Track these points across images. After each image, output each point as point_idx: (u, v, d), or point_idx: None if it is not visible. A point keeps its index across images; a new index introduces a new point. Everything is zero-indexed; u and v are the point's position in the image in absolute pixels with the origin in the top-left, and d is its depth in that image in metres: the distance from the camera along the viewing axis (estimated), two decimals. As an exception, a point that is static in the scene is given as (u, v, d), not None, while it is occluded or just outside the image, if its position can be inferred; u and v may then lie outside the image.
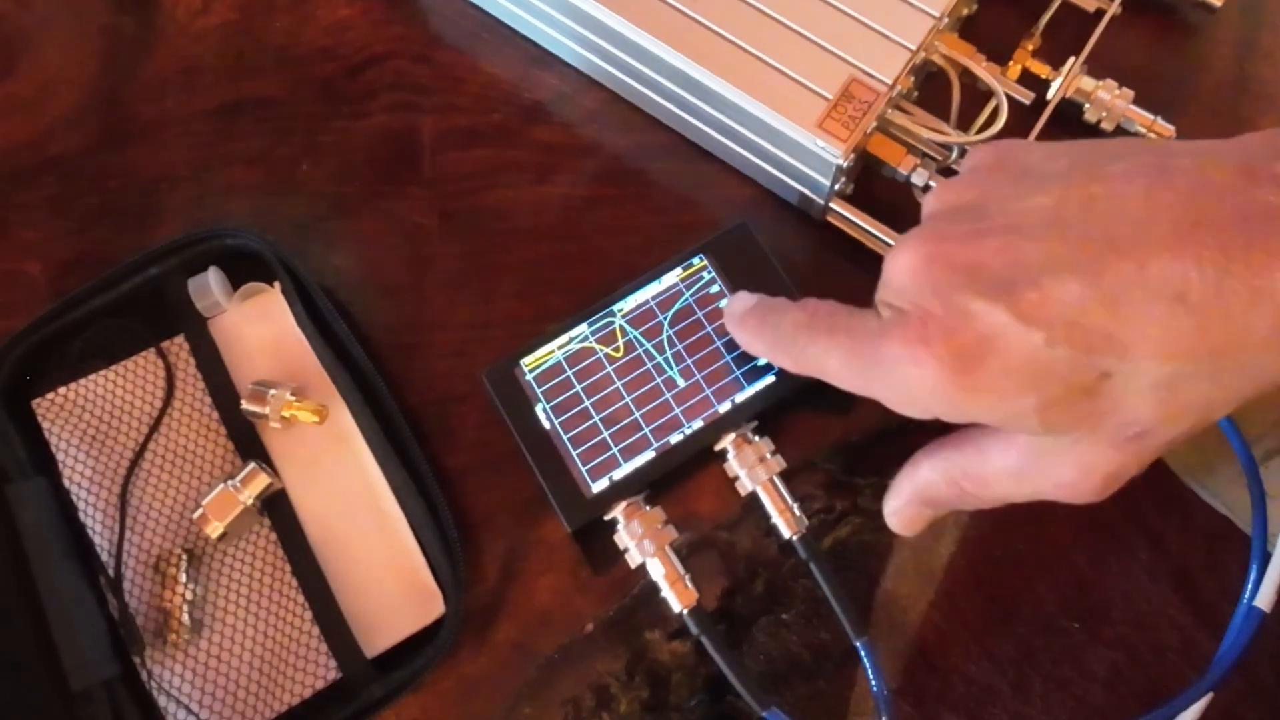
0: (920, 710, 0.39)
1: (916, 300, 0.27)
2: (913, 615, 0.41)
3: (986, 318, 0.25)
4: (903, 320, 0.27)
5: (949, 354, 0.26)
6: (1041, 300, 0.25)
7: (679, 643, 0.41)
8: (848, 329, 0.30)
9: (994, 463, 0.29)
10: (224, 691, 0.39)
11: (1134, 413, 0.25)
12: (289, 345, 0.44)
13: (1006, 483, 0.29)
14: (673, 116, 0.47)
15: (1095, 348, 0.24)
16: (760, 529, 0.41)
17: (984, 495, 0.30)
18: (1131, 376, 0.25)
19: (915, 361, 0.26)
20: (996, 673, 0.40)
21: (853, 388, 0.30)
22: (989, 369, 0.25)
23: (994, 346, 0.25)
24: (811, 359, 0.31)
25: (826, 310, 0.31)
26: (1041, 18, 0.47)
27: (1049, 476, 0.28)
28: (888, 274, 0.28)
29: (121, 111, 0.50)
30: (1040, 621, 0.40)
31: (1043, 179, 0.27)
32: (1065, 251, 0.25)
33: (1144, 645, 0.40)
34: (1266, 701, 0.39)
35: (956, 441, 0.30)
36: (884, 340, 0.27)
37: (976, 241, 0.26)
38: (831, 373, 0.30)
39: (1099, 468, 0.27)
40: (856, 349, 0.29)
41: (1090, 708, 0.39)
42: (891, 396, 0.28)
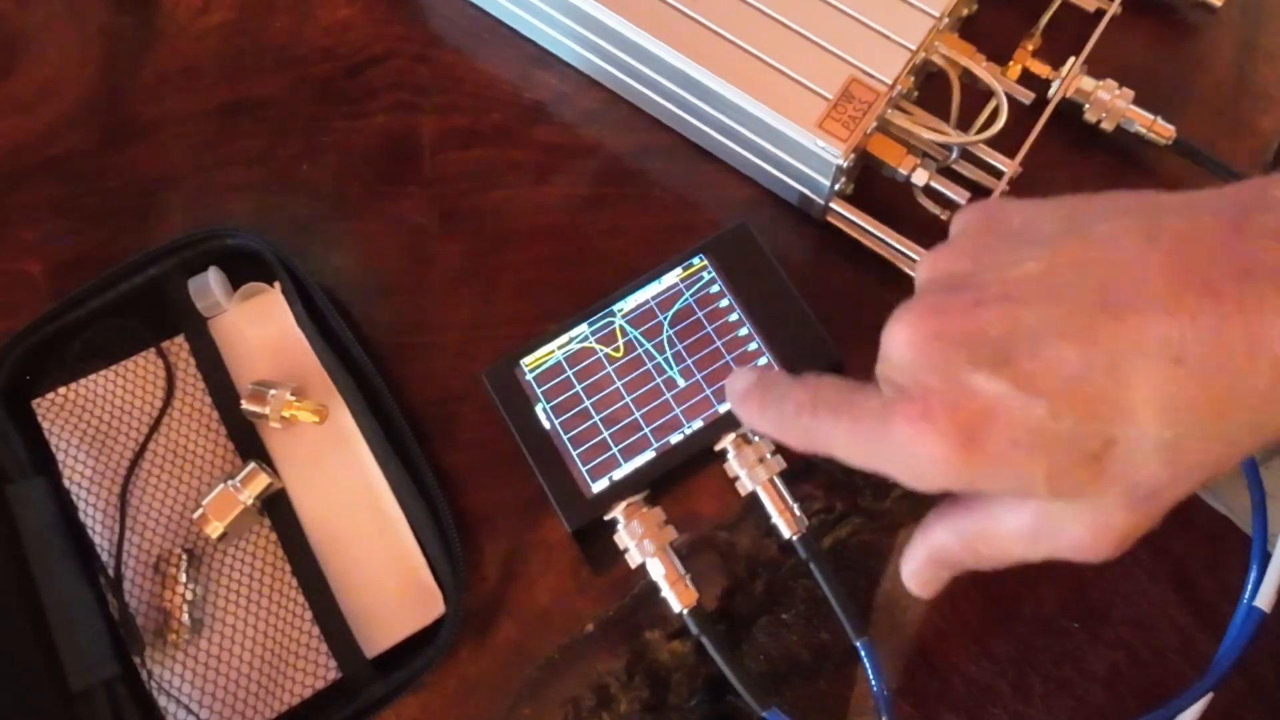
0: (920, 710, 0.39)
1: (917, 376, 0.27)
2: (913, 615, 0.41)
3: (988, 390, 0.25)
4: (905, 398, 0.27)
5: (953, 429, 0.26)
6: (1041, 369, 0.25)
7: (679, 643, 0.41)
8: (851, 408, 0.29)
9: (1006, 525, 0.29)
10: (224, 691, 0.39)
11: (1143, 474, 0.25)
12: (289, 345, 0.44)
13: (1020, 545, 0.29)
14: (673, 116, 0.47)
15: (1098, 414, 0.24)
16: (760, 529, 0.41)
17: (998, 556, 0.30)
18: (1137, 440, 0.25)
19: (921, 439, 0.26)
20: (996, 673, 0.40)
21: (862, 465, 0.29)
22: (995, 441, 0.25)
23: (998, 419, 0.25)
24: (818, 438, 0.30)
25: (828, 389, 0.31)
26: (1041, 18, 0.47)
27: (1063, 538, 0.28)
28: (886, 349, 0.28)
29: (121, 111, 0.50)
30: (1040, 621, 0.40)
31: (1032, 243, 0.27)
32: (1060, 318, 0.25)
33: (1144, 645, 0.40)
34: (1266, 701, 0.39)
35: (968, 504, 0.30)
36: (888, 419, 0.27)
37: (972, 313, 0.26)
38: (839, 451, 0.30)
39: (1113, 528, 0.27)
40: (861, 428, 0.29)
41: (1090, 708, 0.39)
42: (901, 473, 0.28)
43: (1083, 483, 0.26)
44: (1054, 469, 0.25)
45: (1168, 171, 0.46)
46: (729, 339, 0.41)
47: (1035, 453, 0.25)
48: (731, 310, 0.42)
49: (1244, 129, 0.47)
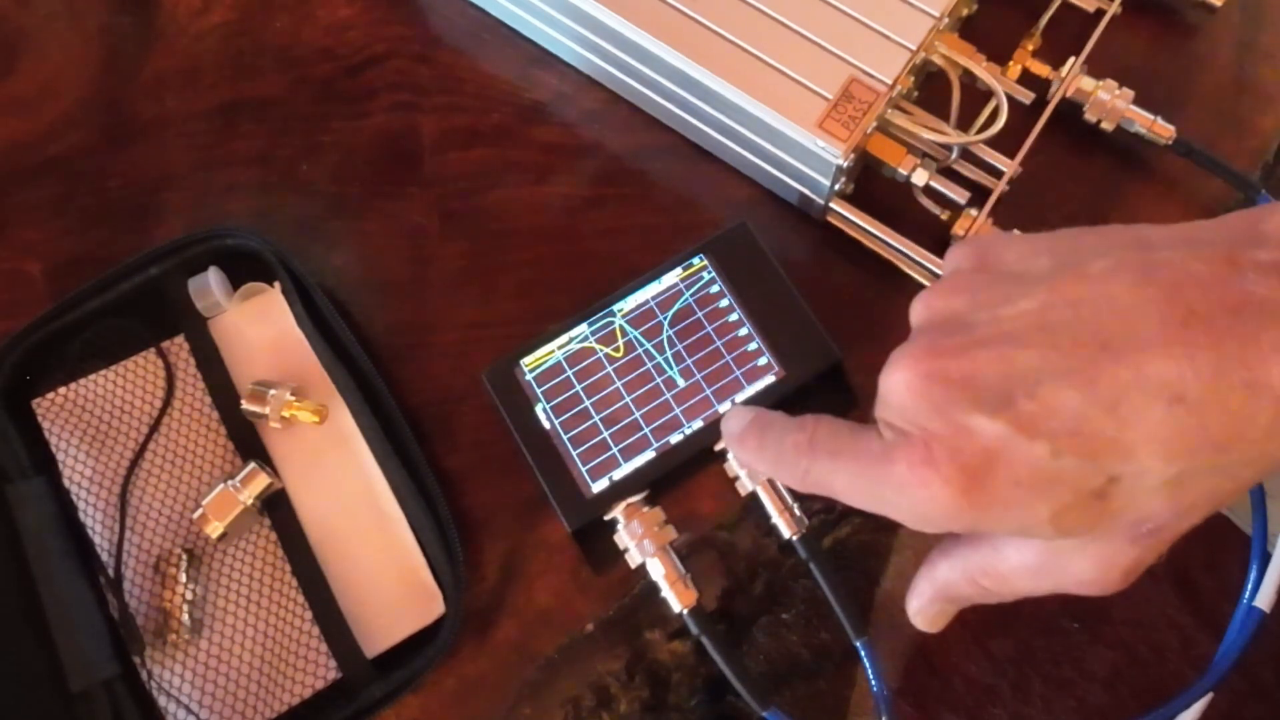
0: (920, 710, 0.40)
1: (916, 420, 0.27)
2: (913, 615, 0.41)
3: (989, 433, 0.25)
4: (905, 442, 0.27)
5: (955, 473, 0.26)
6: (1040, 411, 0.25)
7: (679, 643, 0.41)
8: (852, 452, 0.29)
9: (1011, 561, 0.29)
10: (224, 691, 0.39)
11: (1146, 511, 0.25)
12: (289, 345, 0.44)
13: (1025, 580, 0.29)
14: (673, 116, 0.47)
15: (1100, 453, 0.24)
16: (760, 529, 0.41)
17: (1004, 591, 0.30)
18: (1139, 478, 0.25)
19: (923, 483, 0.26)
20: (996, 673, 0.40)
21: (863, 506, 0.29)
22: (997, 483, 0.25)
23: (999, 461, 0.25)
24: (817, 480, 0.30)
25: (826, 431, 0.31)
26: (1041, 18, 0.47)
27: (1068, 573, 0.28)
28: (884, 392, 0.28)
29: (121, 111, 0.50)
30: (1040, 621, 0.40)
31: (1027, 281, 0.27)
32: (1058, 358, 0.25)
33: (1144, 645, 0.40)
34: (1266, 701, 0.39)
35: (973, 540, 0.30)
36: (888, 463, 0.27)
37: (970, 354, 0.26)
38: (840, 493, 0.30)
39: (1118, 563, 0.27)
40: (862, 472, 0.29)
41: (1090, 708, 0.39)
42: (903, 516, 0.28)
43: (1087, 521, 0.26)
44: (1058, 508, 0.25)
45: (1167, 171, 0.46)
46: (729, 339, 0.41)
47: (1038, 493, 0.25)
48: (731, 310, 0.42)
49: (1244, 129, 0.47)
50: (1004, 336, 0.26)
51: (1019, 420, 0.25)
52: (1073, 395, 0.24)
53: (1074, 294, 0.26)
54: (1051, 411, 0.24)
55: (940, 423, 0.26)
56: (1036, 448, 0.24)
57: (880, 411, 0.29)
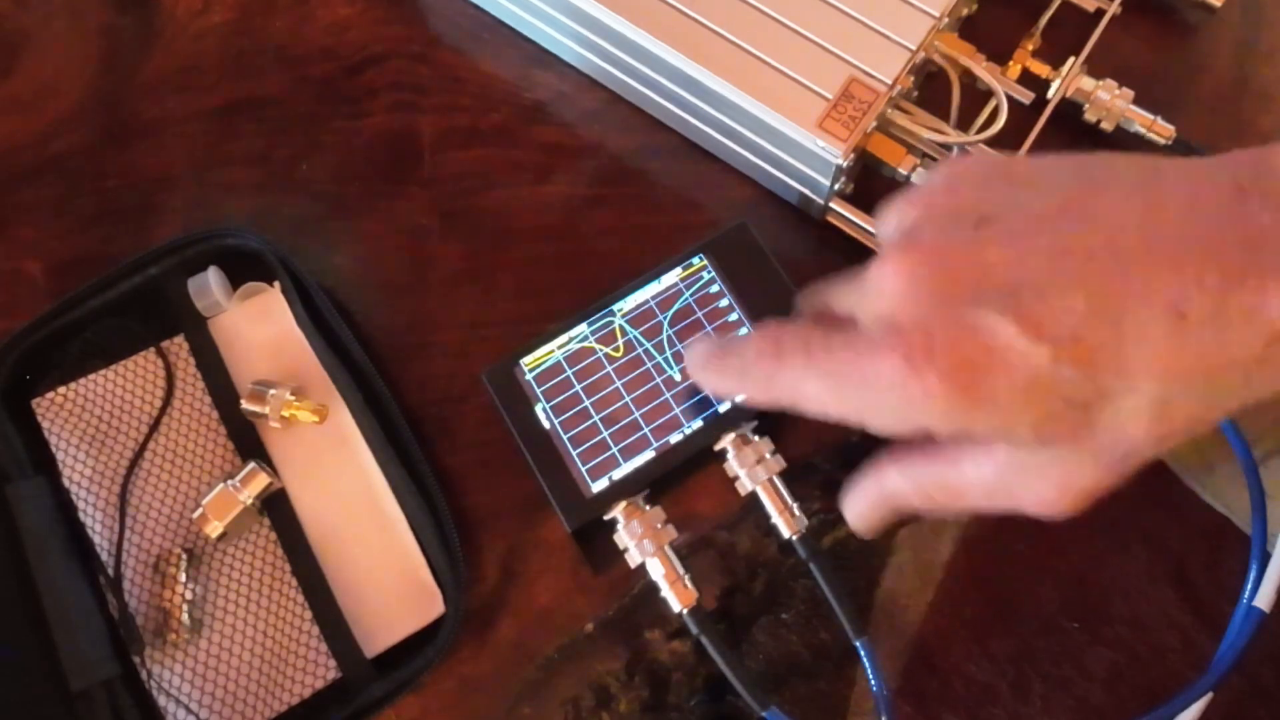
0: (920, 710, 0.39)
1: (915, 312, 0.26)
2: (913, 615, 0.41)
3: (993, 331, 0.24)
4: (898, 334, 0.26)
5: (955, 369, 0.25)
6: (1048, 315, 0.24)
7: (679, 643, 0.41)
8: (826, 349, 0.28)
9: (967, 475, 0.29)
10: (224, 691, 0.39)
11: (1125, 432, 0.25)
12: (289, 345, 0.44)
13: (979, 497, 0.29)
14: (673, 116, 0.47)
15: (1097, 365, 0.24)
16: (760, 529, 0.41)
17: (955, 506, 0.30)
18: (1128, 395, 0.25)
19: (917, 377, 0.25)
20: (996, 673, 0.40)
21: (833, 412, 0.28)
22: (995, 384, 0.25)
23: (1001, 361, 0.24)
24: (784, 386, 0.29)
25: (794, 333, 0.29)
26: (1041, 18, 0.47)
27: (1026, 492, 0.28)
28: (877, 285, 0.27)
29: (121, 111, 0.50)
30: (1040, 621, 0.40)
31: (1041, 190, 0.27)
32: (1070, 265, 0.25)
33: (1144, 645, 0.40)
34: (1266, 701, 0.39)
35: (927, 452, 0.30)
36: (875, 357, 0.26)
37: (980, 249, 0.26)
38: (809, 398, 0.28)
39: (1079, 485, 0.27)
40: (839, 369, 0.27)
41: (1090, 708, 0.39)
42: (879, 415, 0.27)
43: (1068, 433, 0.26)
44: (1044, 415, 0.25)
45: (1168, 171, 0.46)
46: (730, 338, 0.41)
47: (1031, 398, 0.25)
48: (731, 310, 0.42)
49: (1244, 129, 0.47)
50: (1016, 236, 0.26)
51: (1026, 321, 0.24)
52: (1080, 302, 0.24)
53: (1090, 208, 0.26)
54: (1058, 316, 0.24)
55: (943, 317, 0.25)
56: (1039, 352, 0.24)
57: (866, 305, 0.28)
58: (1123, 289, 0.24)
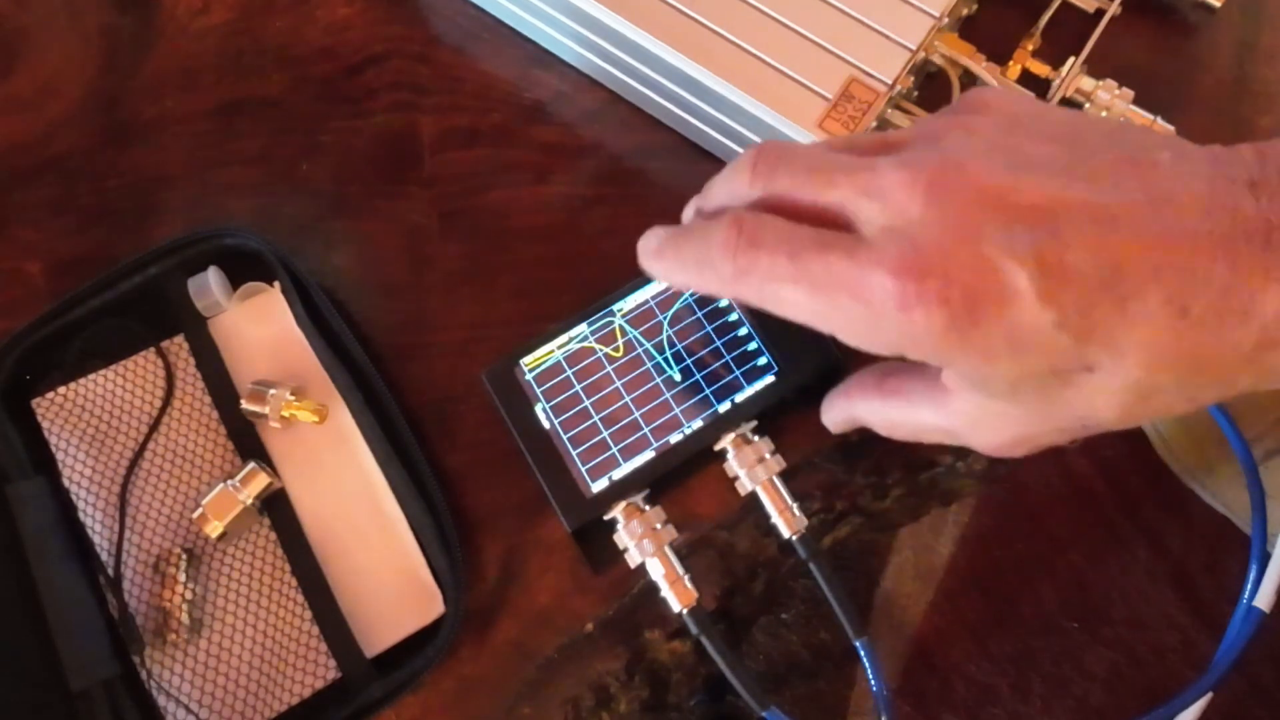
0: (920, 710, 0.40)
1: (937, 238, 0.24)
2: (913, 615, 0.41)
3: (1012, 280, 0.23)
4: (911, 254, 0.24)
5: (961, 304, 0.24)
6: (1065, 276, 0.23)
7: (679, 642, 0.41)
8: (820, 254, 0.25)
9: (925, 419, 0.30)
10: (224, 691, 0.39)
11: (1095, 411, 0.26)
12: (289, 345, 0.44)
13: (936, 436, 0.30)
14: (673, 116, 0.47)
15: (1093, 339, 0.24)
16: (760, 529, 0.41)
17: (917, 439, 0.32)
18: (1111, 376, 0.25)
19: (920, 302, 0.24)
20: (996, 673, 0.40)
21: (808, 320, 0.26)
22: (993, 331, 0.24)
23: (1007, 310, 0.24)
24: (755, 285, 0.26)
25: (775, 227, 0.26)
26: (1041, 18, 0.47)
27: (981, 440, 0.29)
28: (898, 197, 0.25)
29: (121, 111, 0.50)
30: (1040, 621, 0.40)
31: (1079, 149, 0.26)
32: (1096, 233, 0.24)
33: (1144, 645, 0.40)
34: (1266, 701, 0.39)
35: (891, 390, 0.31)
36: (878, 272, 0.24)
37: (1016, 190, 0.24)
38: (785, 303, 0.26)
39: (1034, 442, 0.28)
40: (831, 280, 0.25)
41: (1090, 708, 0.39)
42: (860, 334, 0.26)
43: (1041, 396, 0.26)
44: (1025, 374, 0.25)
45: (1168, 171, 0.46)
46: (728, 339, 0.41)
47: (1020, 354, 0.24)
48: (731, 310, 0.42)
49: (1244, 129, 0.47)
50: (1052, 188, 0.24)
51: (1045, 278, 0.23)
52: (1095, 270, 0.23)
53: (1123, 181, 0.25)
54: (1072, 280, 0.24)
55: (967, 252, 0.24)
56: (1046, 314, 0.24)
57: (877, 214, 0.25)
58: (1137, 269, 0.24)
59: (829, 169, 0.27)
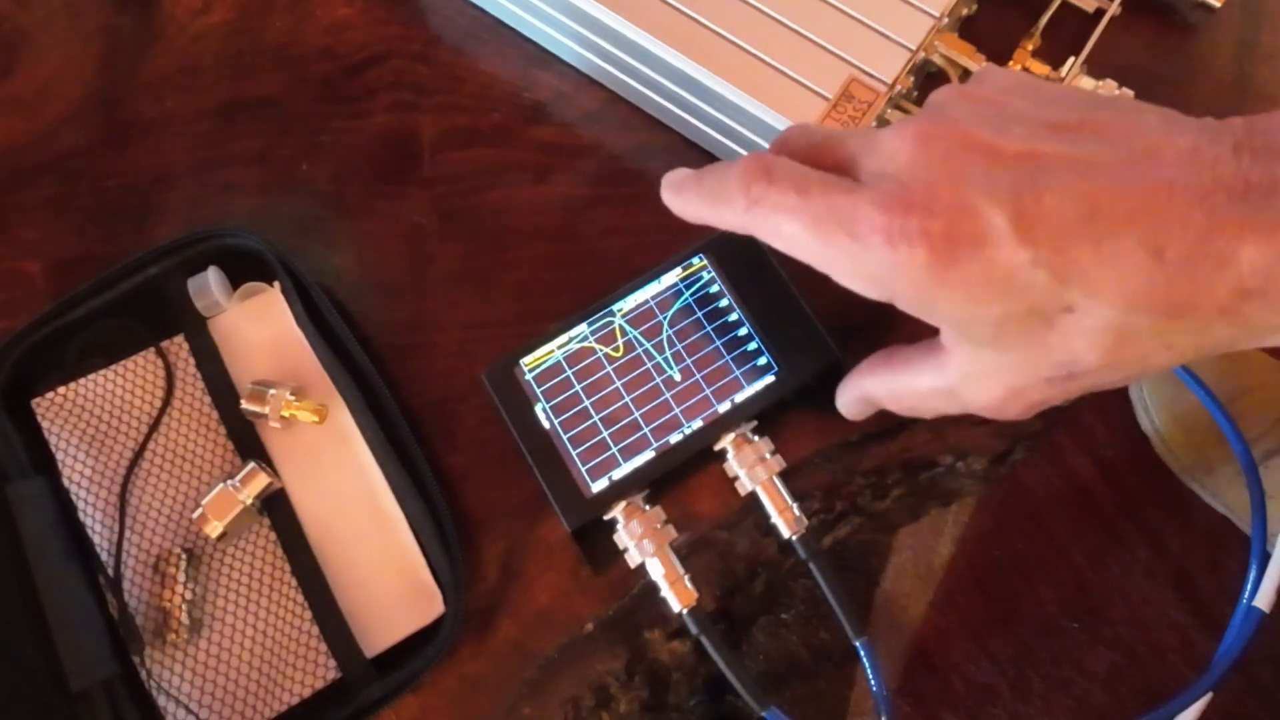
0: (920, 710, 0.40)
1: (923, 178, 0.27)
2: (913, 615, 0.41)
3: (989, 218, 0.25)
4: (899, 191, 0.27)
5: (941, 241, 0.26)
6: (1040, 216, 0.25)
7: (679, 643, 0.41)
8: (823, 190, 0.28)
9: (925, 383, 0.32)
10: (223, 691, 0.39)
11: (1076, 354, 0.27)
12: (289, 345, 0.44)
13: (938, 400, 0.32)
14: (673, 116, 0.47)
15: (1071, 279, 0.25)
16: (760, 529, 0.41)
17: (921, 409, 0.33)
18: (1088, 315, 0.26)
19: (904, 237, 0.26)
20: (996, 673, 0.40)
21: (804, 255, 0.29)
22: (971, 270, 0.26)
23: (985, 249, 0.26)
24: (763, 215, 0.29)
25: (789, 166, 0.29)
26: (1041, 18, 0.47)
27: (976, 397, 0.30)
28: (893, 144, 0.28)
29: (121, 111, 0.50)
30: (1040, 621, 0.40)
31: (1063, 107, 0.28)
32: (1074, 177, 0.25)
33: (1144, 645, 0.40)
34: (1266, 701, 0.39)
35: (896, 362, 0.33)
36: (869, 207, 0.27)
37: (999, 140, 0.26)
38: (785, 235, 0.29)
39: (1026, 396, 0.29)
40: (830, 214, 0.28)
41: (1090, 708, 0.39)
42: (852, 270, 0.28)
43: (1023, 339, 0.27)
44: (1006, 315, 0.26)
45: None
46: (728, 339, 0.41)
47: (999, 294, 0.26)
48: (731, 310, 0.42)
49: (1244, 129, 0.47)
50: (1034, 138, 0.27)
51: (1022, 217, 0.25)
52: (1073, 211, 0.25)
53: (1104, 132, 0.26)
54: (1050, 219, 0.25)
55: (949, 190, 0.26)
56: (1022, 252, 0.25)
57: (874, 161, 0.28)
58: (1113, 211, 0.25)
59: (841, 132, 0.31)
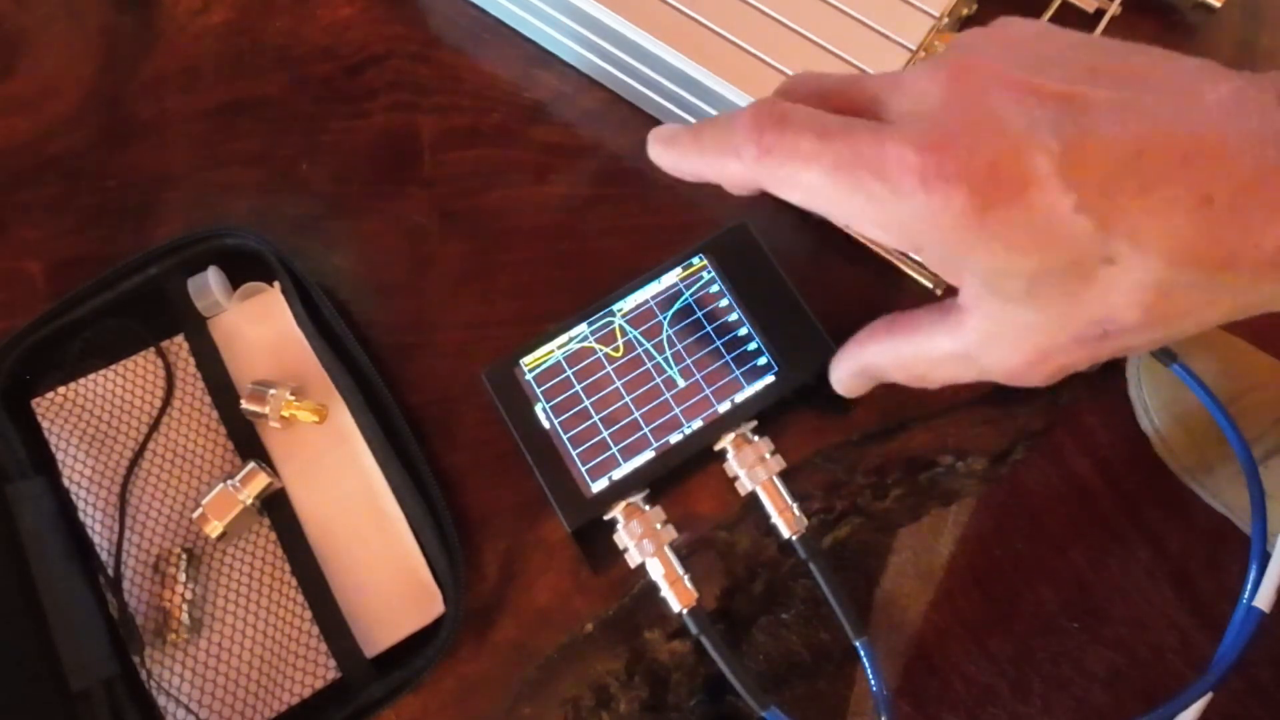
0: (920, 710, 0.40)
1: (962, 116, 0.24)
2: (912, 615, 0.41)
3: (1032, 159, 0.23)
4: (934, 131, 0.24)
5: (984, 179, 0.23)
6: (1087, 157, 0.23)
7: (679, 642, 0.41)
8: (846, 132, 0.25)
9: (941, 346, 0.29)
10: (223, 691, 0.39)
11: (1115, 310, 0.25)
12: (289, 345, 0.44)
13: (953, 366, 0.29)
14: (673, 116, 0.47)
15: (1114, 227, 0.24)
16: (760, 529, 0.41)
17: (932, 377, 0.30)
18: (1131, 270, 0.24)
19: (940, 178, 0.24)
20: (996, 673, 0.40)
21: (826, 207, 0.26)
22: (1012, 213, 0.24)
23: (1029, 192, 0.24)
24: (776, 165, 0.26)
25: (803, 110, 0.26)
26: (1041, 18, 0.47)
27: (998, 361, 0.27)
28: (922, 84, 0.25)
29: (121, 111, 0.50)
30: (1040, 621, 0.40)
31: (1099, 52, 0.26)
32: (1118, 119, 0.24)
33: (1144, 645, 0.40)
34: (1266, 701, 0.39)
35: (903, 326, 0.30)
36: (902, 146, 0.24)
37: (1039, 78, 0.25)
38: (804, 184, 0.26)
39: (1053, 359, 0.27)
40: (854, 159, 0.25)
41: (1090, 708, 0.39)
42: (879, 218, 0.25)
43: (1060, 294, 0.25)
44: (1045, 267, 0.24)
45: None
46: (728, 339, 0.41)
47: (1040, 242, 0.24)
48: (731, 310, 0.42)
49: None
50: (1074, 79, 0.25)
51: (1066, 159, 0.23)
52: (1119, 156, 0.23)
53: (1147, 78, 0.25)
54: (1094, 165, 0.23)
55: (991, 128, 0.24)
56: (1066, 197, 0.23)
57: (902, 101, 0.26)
58: (1161, 156, 0.23)
59: (858, 76, 0.28)
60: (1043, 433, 0.44)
